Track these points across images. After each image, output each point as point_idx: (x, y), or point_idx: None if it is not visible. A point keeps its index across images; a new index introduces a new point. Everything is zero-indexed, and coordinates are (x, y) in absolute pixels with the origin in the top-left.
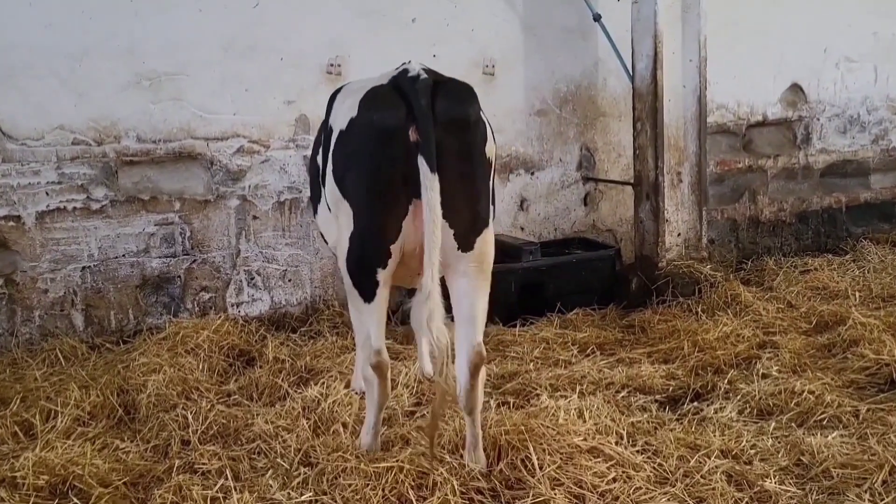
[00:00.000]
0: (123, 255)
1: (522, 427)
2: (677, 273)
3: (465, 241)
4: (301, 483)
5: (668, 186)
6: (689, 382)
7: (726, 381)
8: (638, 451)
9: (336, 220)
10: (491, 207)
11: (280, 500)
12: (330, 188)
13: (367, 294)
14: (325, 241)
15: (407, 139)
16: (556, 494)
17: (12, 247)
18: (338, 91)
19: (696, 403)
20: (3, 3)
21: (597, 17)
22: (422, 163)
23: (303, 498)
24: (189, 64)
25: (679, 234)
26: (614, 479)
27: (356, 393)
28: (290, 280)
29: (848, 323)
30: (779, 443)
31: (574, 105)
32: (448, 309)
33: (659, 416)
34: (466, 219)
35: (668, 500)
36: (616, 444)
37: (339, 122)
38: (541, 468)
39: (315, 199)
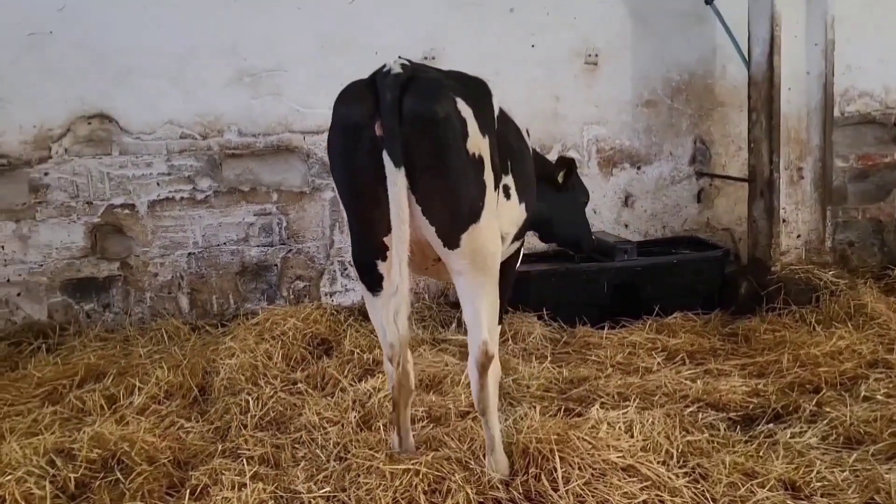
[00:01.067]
0: (225, 243)
1: (556, 437)
2: (792, 278)
3: (449, 239)
4: (325, 477)
5: (786, 183)
6: (772, 401)
7: (814, 402)
8: (684, 474)
9: None
10: (492, 202)
11: (300, 493)
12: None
13: (373, 287)
14: None
15: (374, 134)
16: None
17: (127, 233)
18: None
19: (772, 425)
20: (120, 8)
21: (709, 0)
22: (386, 158)
23: (320, 492)
24: (287, 60)
25: (799, 236)
26: (644, 502)
27: None
28: None
29: None
30: (855, 477)
31: (688, 95)
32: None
33: (726, 437)
34: (446, 216)
35: None
36: (663, 463)
37: None
38: (566, 483)
39: None
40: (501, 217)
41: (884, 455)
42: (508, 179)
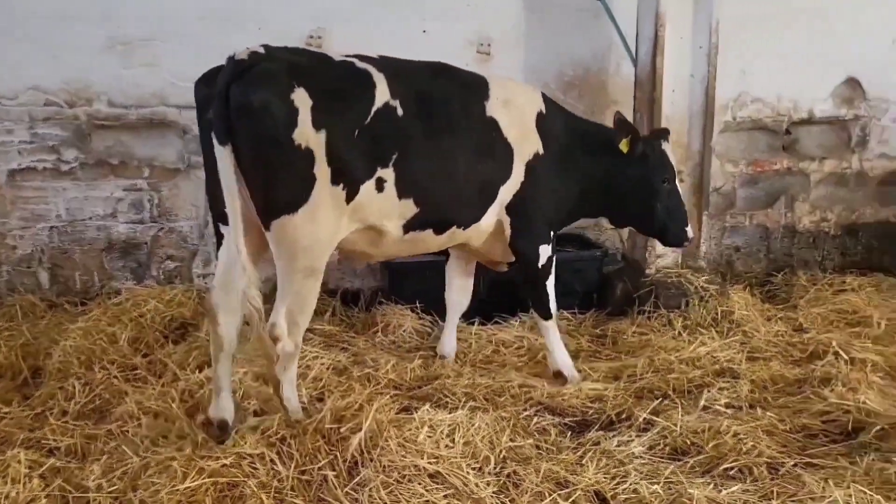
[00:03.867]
0: (90, 218)
1: (370, 436)
2: (665, 282)
3: (265, 222)
4: (123, 474)
5: None
6: (608, 407)
7: (649, 410)
8: (497, 482)
9: None
10: (322, 196)
11: (89, 489)
12: None
13: (218, 244)
14: None
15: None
16: None
17: None
18: None
19: (603, 432)
20: None
21: None
22: (213, 136)
23: (109, 490)
24: (164, 31)
25: None
26: None
27: None
28: None
29: (827, 358)
30: (666, 490)
31: (581, 91)
32: None
33: (554, 442)
34: (260, 200)
35: None
36: (478, 470)
37: None
38: (367, 487)
39: None
40: (370, 209)
41: (701, 468)
42: (386, 172)
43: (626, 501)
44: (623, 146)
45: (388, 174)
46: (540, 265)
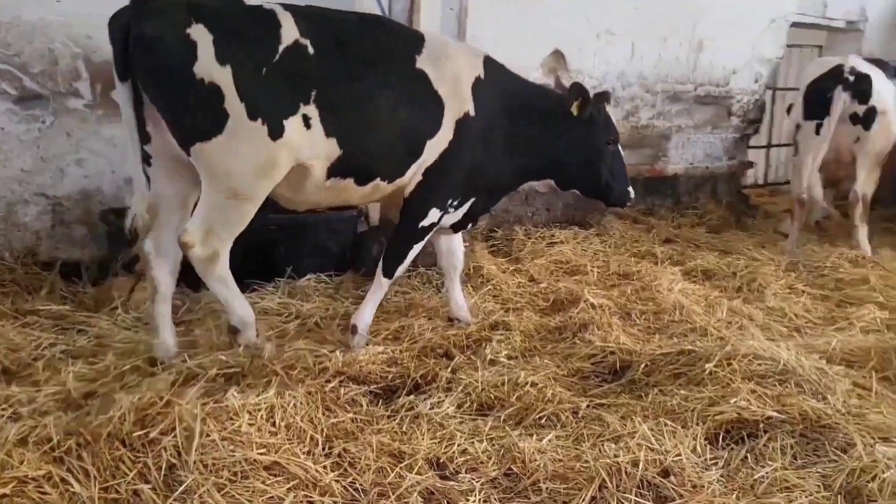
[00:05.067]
0: None
1: (187, 433)
2: None
3: (182, 147)
4: None
5: None
6: (411, 370)
7: (449, 369)
8: (333, 464)
9: None
10: (240, 127)
11: None
12: None
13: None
14: None
15: None
16: None
17: None
18: None
19: (412, 396)
20: None
21: None
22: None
23: None
24: None
25: None
26: None
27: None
28: None
29: (580, 305)
30: (492, 447)
31: None
32: None
33: (369, 413)
34: (173, 128)
35: None
36: (308, 453)
37: None
38: (195, 493)
39: None
40: (303, 146)
41: (514, 420)
42: (309, 109)
43: (464, 464)
44: (574, 108)
45: (311, 111)
46: (420, 225)
